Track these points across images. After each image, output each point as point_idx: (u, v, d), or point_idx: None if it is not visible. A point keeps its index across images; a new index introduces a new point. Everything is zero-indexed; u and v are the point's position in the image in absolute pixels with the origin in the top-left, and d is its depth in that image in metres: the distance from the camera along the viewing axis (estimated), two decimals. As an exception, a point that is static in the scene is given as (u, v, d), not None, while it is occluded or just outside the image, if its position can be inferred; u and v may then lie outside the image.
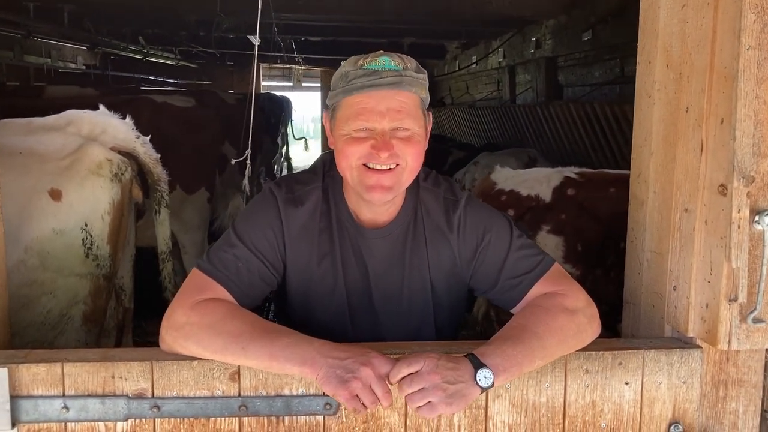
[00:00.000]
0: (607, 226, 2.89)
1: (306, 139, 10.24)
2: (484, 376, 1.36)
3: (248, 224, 1.66)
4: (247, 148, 2.39)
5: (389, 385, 1.37)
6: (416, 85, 1.58)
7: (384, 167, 1.56)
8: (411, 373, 1.35)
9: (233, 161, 2.53)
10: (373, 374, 1.34)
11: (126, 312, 2.79)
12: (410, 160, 1.59)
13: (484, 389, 1.37)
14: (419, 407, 1.34)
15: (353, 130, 1.57)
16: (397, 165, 1.57)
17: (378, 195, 1.59)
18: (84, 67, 10.69)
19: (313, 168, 1.79)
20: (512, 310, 1.67)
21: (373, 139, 1.56)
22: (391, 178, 1.57)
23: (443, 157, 7.43)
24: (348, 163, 1.59)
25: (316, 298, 1.70)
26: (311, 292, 1.70)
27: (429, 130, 1.66)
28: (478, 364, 1.38)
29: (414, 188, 1.72)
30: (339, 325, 1.70)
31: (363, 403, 1.34)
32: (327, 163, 1.74)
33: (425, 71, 1.63)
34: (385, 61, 1.56)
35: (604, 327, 1.64)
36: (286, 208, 1.66)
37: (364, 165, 1.57)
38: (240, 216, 1.72)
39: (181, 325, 1.48)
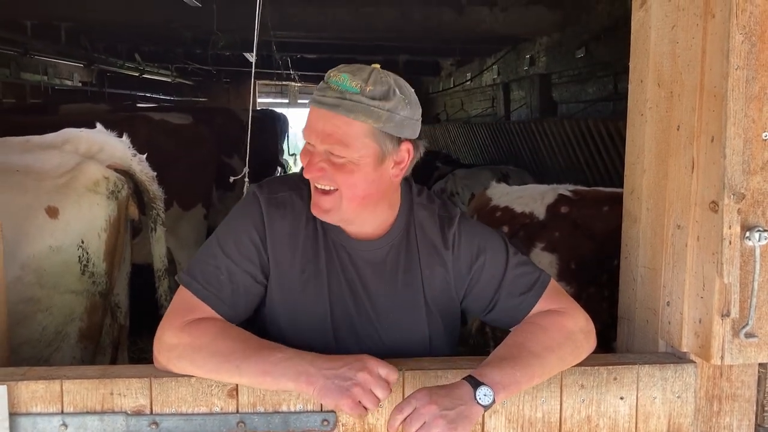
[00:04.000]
0: (601, 244, 2.91)
1: (295, 157, 10.28)
2: (484, 394, 1.36)
3: (231, 231, 1.60)
4: (246, 166, 2.41)
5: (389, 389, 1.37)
6: (362, 112, 1.46)
7: (321, 187, 1.53)
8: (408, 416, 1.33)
9: (232, 179, 2.55)
10: (371, 377, 1.34)
11: (121, 329, 2.79)
12: (345, 187, 1.51)
13: (486, 407, 1.36)
14: None
15: (305, 143, 1.55)
16: (335, 190, 1.52)
17: (316, 213, 1.56)
18: (80, 84, 10.72)
19: (300, 174, 1.70)
20: (512, 329, 1.65)
21: (310, 156, 1.53)
22: (329, 201, 1.53)
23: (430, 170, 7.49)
24: (305, 173, 1.56)
25: (298, 307, 1.63)
26: (294, 301, 1.63)
27: (400, 160, 1.56)
28: (476, 384, 1.37)
29: (408, 204, 1.68)
30: (320, 337, 1.63)
31: (367, 408, 1.34)
32: None
33: (397, 98, 1.50)
34: (344, 78, 1.48)
35: (599, 345, 1.65)
36: (269, 209, 1.60)
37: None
38: (223, 223, 1.65)
39: (173, 347, 1.48)
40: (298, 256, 1.61)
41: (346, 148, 1.48)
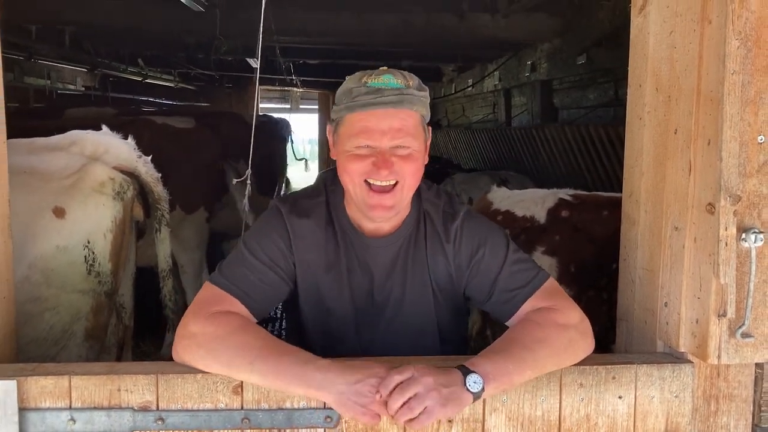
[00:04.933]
0: (601, 248, 2.93)
1: (306, 161, 10.30)
2: (474, 382, 1.40)
3: (257, 237, 1.72)
4: (249, 168, 2.44)
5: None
6: (417, 103, 1.63)
7: (384, 183, 1.62)
8: (403, 381, 1.39)
9: (234, 181, 2.58)
10: (386, 392, 1.38)
11: (126, 329, 2.82)
12: (409, 177, 1.65)
13: (475, 395, 1.41)
14: (416, 418, 1.36)
15: (355, 147, 1.63)
16: (396, 182, 1.63)
17: (379, 213, 1.66)
18: (83, 89, 10.76)
19: (316, 185, 1.86)
20: (507, 323, 1.72)
21: (373, 157, 1.61)
22: (391, 197, 1.64)
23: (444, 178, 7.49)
24: (350, 179, 1.65)
25: (326, 304, 1.75)
26: (320, 299, 1.75)
27: (428, 144, 1.73)
28: (466, 372, 1.42)
29: (417, 199, 1.78)
30: (345, 330, 1.75)
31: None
32: (328, 180, 1.81)
33: (426, 88, 1.69)
34: (388, 78, 1.61)
35: (598, 348, 1.68)
36: (291, 220, 1.72)
37: (366, 182, 1.63)
38: (249, 232, 1.78)
39: (195, 335, 1.53)
40: (321, 259, 1.73)
41: (414, 139, 1.63)
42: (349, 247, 1.75)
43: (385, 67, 1.67)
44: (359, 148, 1.63)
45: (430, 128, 1.73)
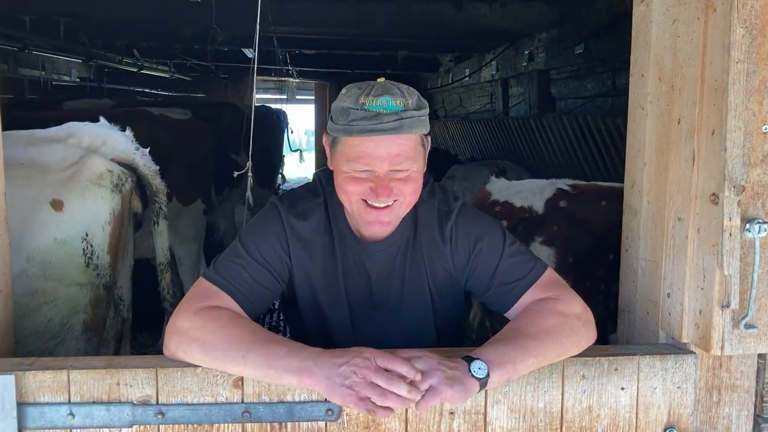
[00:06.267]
0: (599, 239, 2.93)
1: (301, 151, 10.26)
2: (479, 368, 1.40)
3: (254, 235, 1.70)
4: (249, 160, 2.43)
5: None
6: (416, 125, 1.58)
7: (382, 205, 1.62)
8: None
9: (235, 174, 2.57)
10: (369, 371, 1.36)
11: (124, 322, 2.81)
12: (407, 196, 1.64)
13: (480, 381, 1.40)
14: (422, 399, 1.34)
15: (353, 170, 1.60)
16: (395, 201, 1.63)
17: (377, 229, 1.67)
18: (78, 80, 10.71)
19: (313, 185, 1.84)
20: (506, 314, 1.72)
21: (371, 182, 1.59)
22: (389, 214, 1.64)
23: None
24: (347, 198, 1.65)
25: (321, 307, 1.76)
26: (317, 300, 1.75)
27: (426, 153, 1.69)
28: (470, 359, 1.42)
29: None
30: (343, 333, 1.75)
31: (375, 403, 1.35)
32: (324, 180, 1.79)
33: (426, 104, 1.63)
34: (386, 101, 1.54)
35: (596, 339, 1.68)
36: (290, 221, 1.71)
37: (363, 200, 1.62)
38: (245, 228, 1.77)
39: (185, 330, 1.51)
40: (318, 260, 1.73)
41: (414, 162, 1.61)
42: (346, 250, 1.74)
43: (382, 80, 1.61)
44: (357, 172, 1.60)
45: (429, 138, 1.69)
